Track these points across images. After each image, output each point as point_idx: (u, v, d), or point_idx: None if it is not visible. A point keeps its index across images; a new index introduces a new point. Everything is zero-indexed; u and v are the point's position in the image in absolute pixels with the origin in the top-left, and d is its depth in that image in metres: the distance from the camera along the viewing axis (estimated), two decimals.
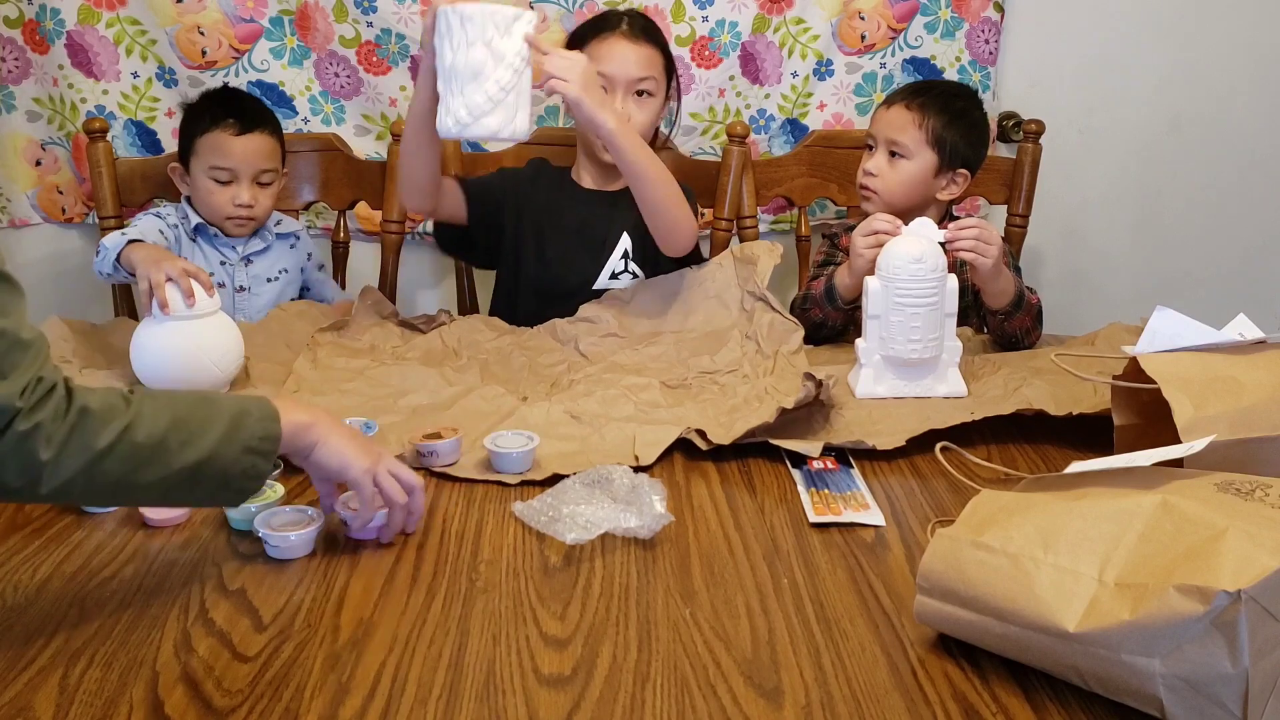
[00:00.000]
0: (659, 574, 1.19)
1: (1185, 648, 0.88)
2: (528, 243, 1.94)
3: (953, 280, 1.63)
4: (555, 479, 1.34)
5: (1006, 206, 2.24)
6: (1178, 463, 1.14)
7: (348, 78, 2.29)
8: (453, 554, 1.23)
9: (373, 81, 2.29)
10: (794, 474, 1.42)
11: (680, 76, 2.30)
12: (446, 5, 1.53)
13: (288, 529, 1.22)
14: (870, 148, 1.96)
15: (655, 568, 1.20)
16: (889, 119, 1.94)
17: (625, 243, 1.93)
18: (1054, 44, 2.40)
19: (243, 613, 1.12)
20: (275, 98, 2.27)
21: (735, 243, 2.18)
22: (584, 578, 1.18)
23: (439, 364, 1.75)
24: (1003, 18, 2.33)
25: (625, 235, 1.93)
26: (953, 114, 1.93)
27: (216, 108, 2.00)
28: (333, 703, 0.98)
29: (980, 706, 0.97)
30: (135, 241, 1.78)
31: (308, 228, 2.29)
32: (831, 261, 1.97)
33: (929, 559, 1.03)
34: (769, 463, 1.45)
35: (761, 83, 2.35)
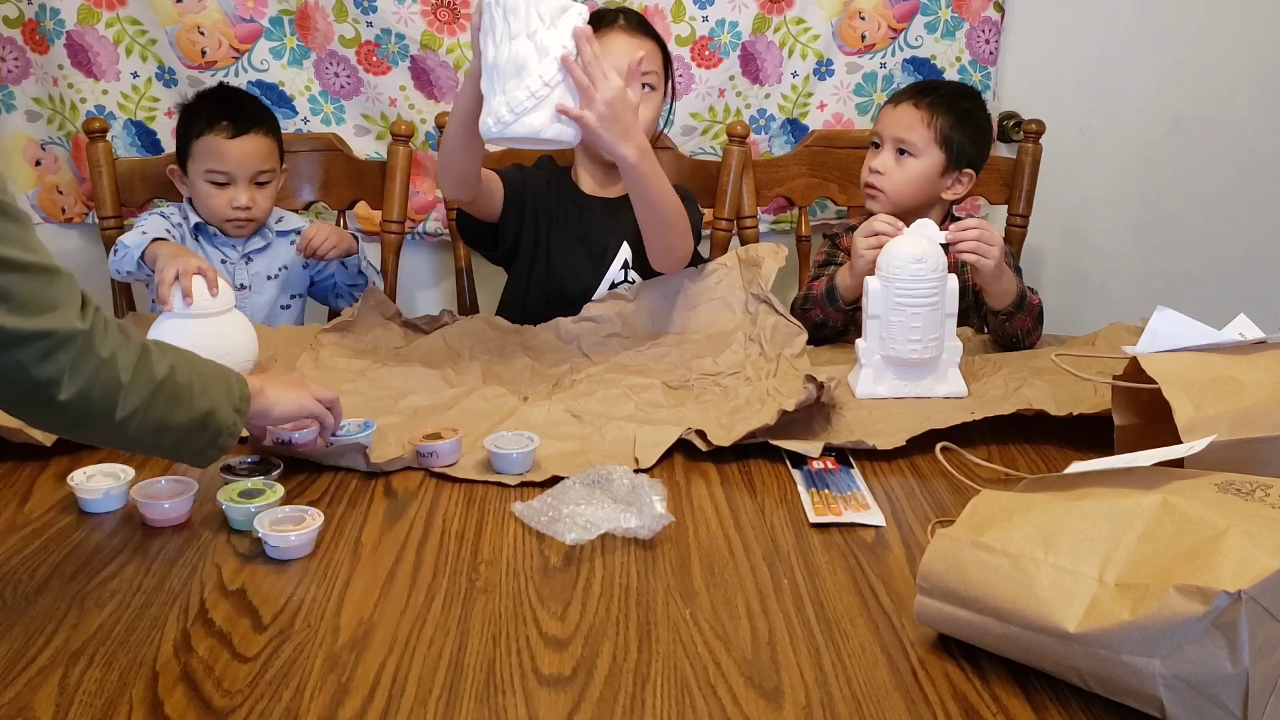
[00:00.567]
0: (659, 574, 1.19)
1: (1185, 648, 0.88)
2: (540, 245, 1.93)
3: (953, 280, 1.62)
4: (555, 480, 1.34)
5: (1007, 206, 2.24)
6: (1178, 463, 1.14)
7: (348, 78, 2.29)
8: (453, 554, 1.23)
9: (373, 81, 2.29)
10: (794, 474, 1.42)
11: (680, 76, 2.30)
12: None
13: (287, 529, 1.22)
14: (876, 146, 1.95)
15: (655, 568, 1.20)
16: (897, 117, 1.93)
17: (625, 252, 1.92)
18: (1054, 44, 2.40)
19: (243, 613, 1.12)
20: (275, 98, 2.27)
21: (736, 243, 2.18)
22: (584, 578, 1.18)
23: (441, 365, 1.74)
24: (1003, 18, 2.34)
25: (625, 245, 1.91)
26: (960, 114, 1.92)
27: (211, 109, 1.99)
28: (333, 703, 0.98)
29: (980, 707, 0.97)
30: (159, 240, 1.79)
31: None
32: (832, 262, 1.97)
33: (929, 559, 1.03)
34: (769, 463, 1.45)
35: (762, 83, 2.35)
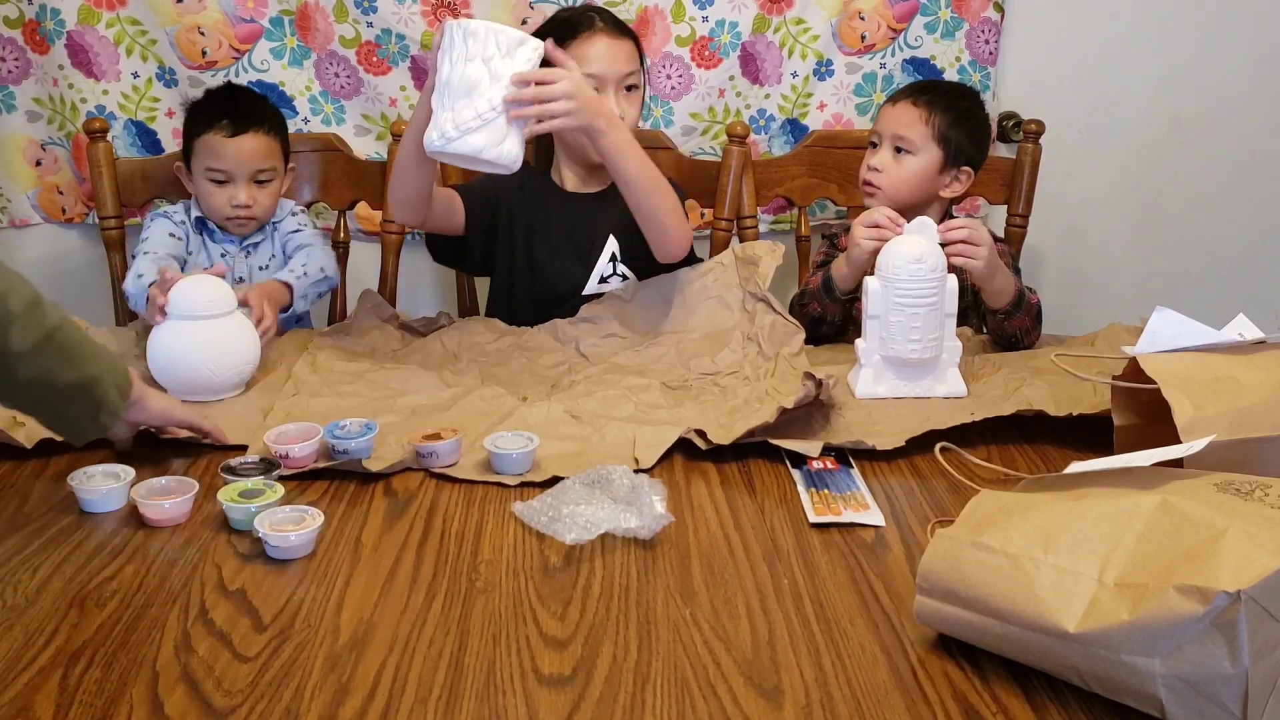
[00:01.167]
0: (659, 574, 1.19)
1: (1185, 648, 0.88)
2: (519, 250, 1.93)
3: (953, 280, 1.63)
4: (555, 480, 1.34)
5: (1006, 207, 2.24)
6: (1178, 463, 1.14)
7: (348, 78, 2.29)
8: (453, 554, 1.23)
9: (373, 82, 2.29)
10: (794, 474, 1.42)
11: (680, 76, 2.31)
12: (454, 20, 1.51)
13: (288, 529, 1.22)
14: (874, 145, 1.96)
15: (655, 568, 1.20)
16: (895, 115, 1.94)
17: (612, 245, 1.92)
18: (1054, 44, 2.40)
19: (243, 613, 1.12)
20: (275, 98, 2.27)
21: (735, 243, 2.18)
22: (584, 578, 1.18)
23: (439, 367, 1.74)
24: (1003, 18, 2.33)
25: (612, 238, 1.91)
26: (958, 112, 1.93)
27: (213, 108, 1.99)
28: (333, 703, 0.98)
29: (980, 707, 0.97)
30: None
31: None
32: (831, 261, 1.97)
33: (929, 559, 1.03)
34: (769, 463, 1.45)
35: (761, 83, 2.35)
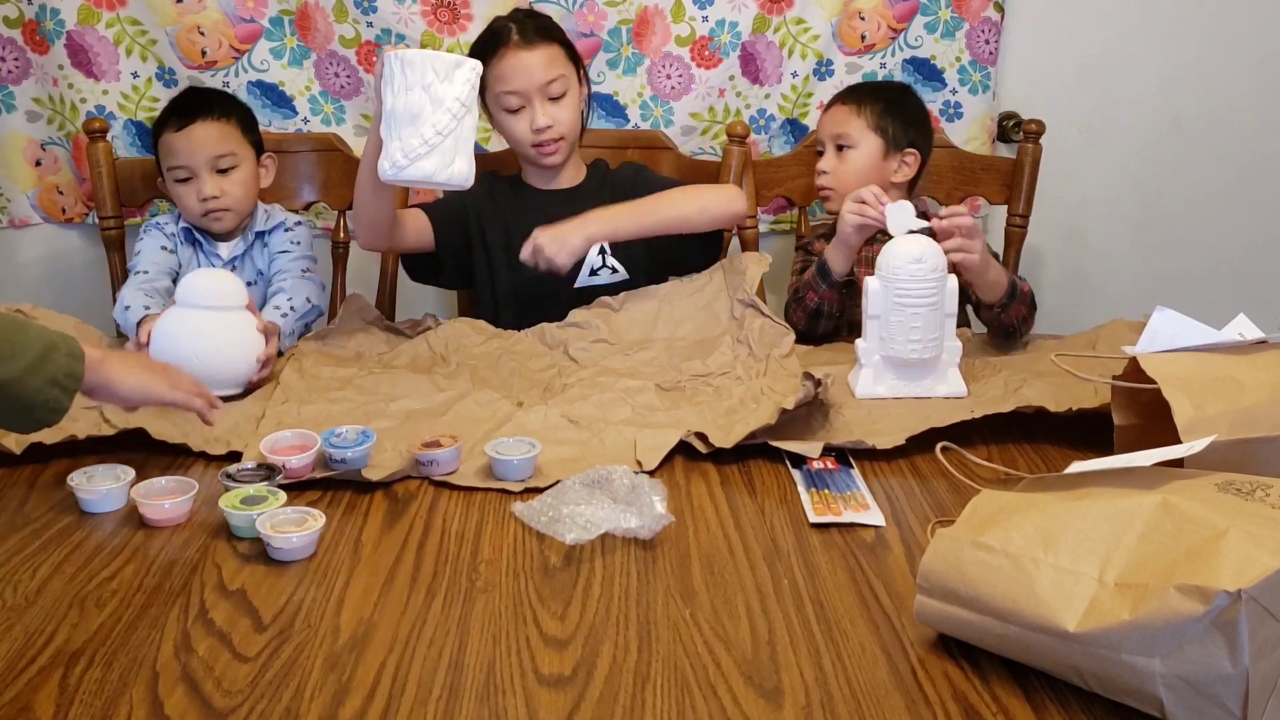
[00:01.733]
0: (659, 574, 1.19)
1: (1185, 648, 0.88)
2: (498, 254, 1.96)
3: (953, 280, 1.63)
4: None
5: (1006, 207, 2.24)
6: (1178, 463, 1.14)
7: (348, 78, 2.29)
8: (453, 554, 1.23)
9: (372, 82, 2.28)
10: (794, 474, 1.42)
11: (680, 76, 2.31)
12: (391, 51, 1.56)
13: (289, 530, 1.22)
14: (820, 153, 2.05)
15: (655, 568, 1.20)
16: (830, 118, 2.04)
17: None
18: (1054, 44, 2.40)
19: (243, 613, 1.12)
20: (275, 98, 2.27)
21: (735, 243, 2.18)
22: (584, 578, 1.18)
23: (428, 370, 1.74)
24: (1003, 18, 2.33)
25: None
26: (887, 101, 2.00)
27: (166, 112, 1.99)
28: (333, 703, 0.98)
29: (980, 706, 0.97)
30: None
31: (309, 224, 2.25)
32: (807, 270, 1.96)
33: (929, 559, 1.03)
34: (769, 463, 1.45)
35: (761, 83, 2.35)
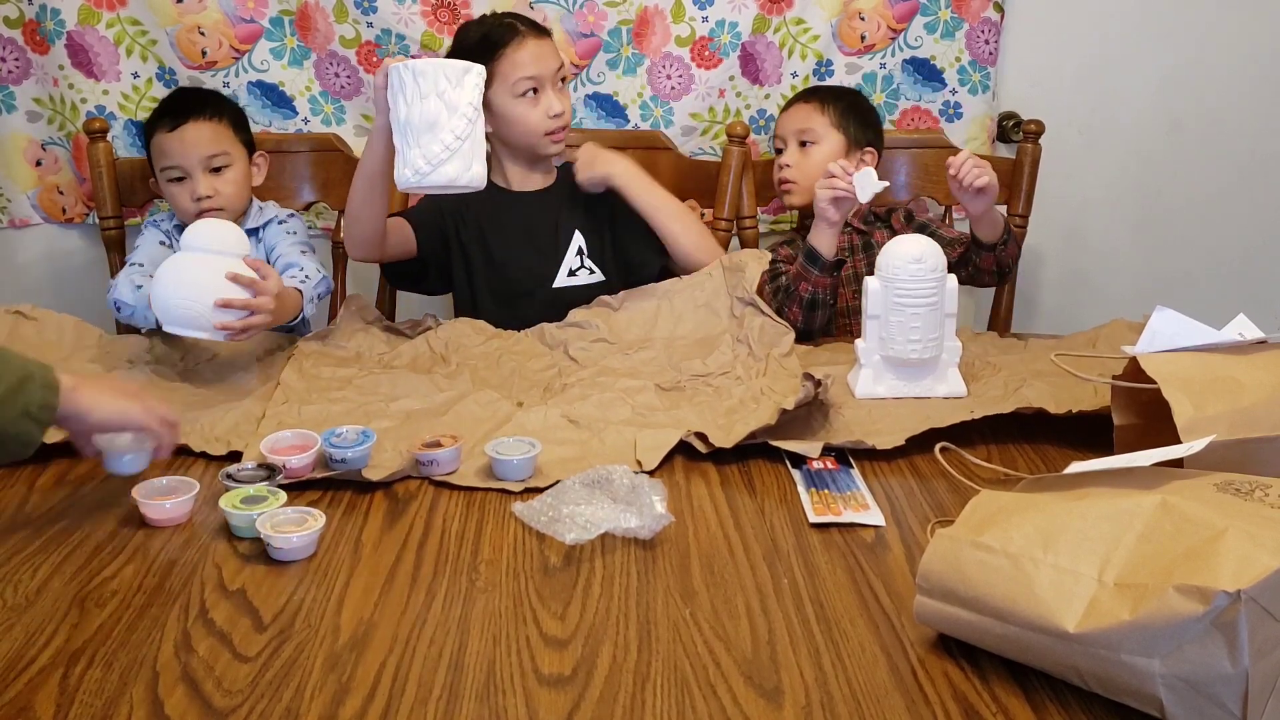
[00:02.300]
0: (659, 574, 1.19)
1: (1185, 648, 0.88)
2: (475, 253, 1.99)
3: (952, 280, 1.63)
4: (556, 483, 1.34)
5: (1006, 206, 2.24)
6: (1178, 463, 1.14)
7: (348, 78, 2.29)
8: (453, 554, 1.23)
9: (372, 82, 2.28)
10: (794, 474, 1.42)
11: (680, 76, 2.31)
12: (397, 62, 1.59)
13: (290, 530, 1.22)
14: (780, 151, 2.11)
15: (655, 568, 1.20)
16: (792, 116, 2.10)
17: (579, 240, 1.99)
18: (1054, 44, 2.40)
19: (243, 613, 1.12)
20: (275, 98, 2.27)
21: (735, 243, 2.18)
22: (584, 578, 1.18)
23: (428, 370, 1.74)
24: (1003, 18, 2.33)
25: (577, 233, 1.99)
26: (846, 103, 2.10)
27: (158, 112, 1.99)
28: (333, 703, 0.98)
29: (980, 706, 0.97)
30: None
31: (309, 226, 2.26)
32: (780, 274, 1.94)
33: (929, 559, 1.04)
34: (769, 463, 1.45)
35: (761, 83, 2.35)
